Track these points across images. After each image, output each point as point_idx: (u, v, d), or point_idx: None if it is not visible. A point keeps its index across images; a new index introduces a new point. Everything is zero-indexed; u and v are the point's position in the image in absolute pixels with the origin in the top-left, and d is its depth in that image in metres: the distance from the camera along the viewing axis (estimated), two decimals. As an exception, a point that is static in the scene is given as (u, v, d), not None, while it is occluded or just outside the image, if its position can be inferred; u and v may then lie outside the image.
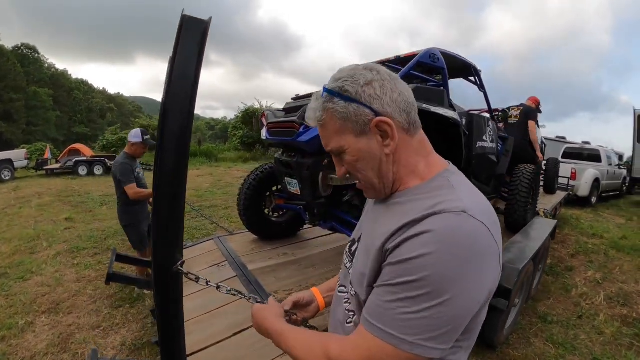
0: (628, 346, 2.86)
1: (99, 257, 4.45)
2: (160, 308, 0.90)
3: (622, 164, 12.24)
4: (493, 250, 0.59)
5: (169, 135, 0.77)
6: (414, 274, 0.55)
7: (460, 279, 0.55)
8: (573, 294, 3.79)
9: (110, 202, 7.96)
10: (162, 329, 0.93)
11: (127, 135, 15.90)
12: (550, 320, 3.20)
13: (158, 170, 0.80)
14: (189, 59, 0.74)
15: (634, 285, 4.13)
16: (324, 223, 2.68)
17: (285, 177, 2.72)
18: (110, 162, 14.27)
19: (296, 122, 2.27)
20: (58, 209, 7.24)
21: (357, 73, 0.67)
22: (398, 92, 0.67)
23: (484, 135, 3.28)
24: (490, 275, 0.60)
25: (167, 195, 0.81)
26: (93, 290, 3.49)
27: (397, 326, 0.56)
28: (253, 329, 1.85)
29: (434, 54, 2.75)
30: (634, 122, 9.55)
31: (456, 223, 0.57)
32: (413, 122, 0.69)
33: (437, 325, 0.55)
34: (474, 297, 0.58)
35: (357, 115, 0.65)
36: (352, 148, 0.68)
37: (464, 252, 0.55)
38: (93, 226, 5.92)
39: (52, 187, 10.25)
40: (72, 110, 52.06)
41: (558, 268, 4.58)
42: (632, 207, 9.99)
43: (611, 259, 5.07)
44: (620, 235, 6.34)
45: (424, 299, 0.54)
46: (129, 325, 2.89)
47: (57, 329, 2.82)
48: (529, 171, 3.92)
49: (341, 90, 0.66)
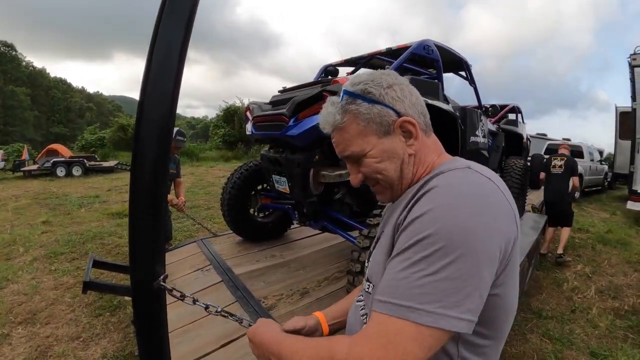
0: (623, 338, 2.88)
1: (77, 262, 4.24)
2: (140, 330, 0.76)
3: (604, 160, 12.57)
4: (504, 206, 0.57)
5: (147, 129, 0.63)
6: (423, 230, 0.53)
7: (471, 231, 0.52)
8: (565, 288, 3.82)
9: (88, 204, 7.75)
10: (143, 352, 0.79)
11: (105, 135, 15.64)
12: (544, 315, 3.20)
13: (135, 170, 0.67)
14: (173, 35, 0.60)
15: (622, 278, 4.20)
16: (315, 223, 2.56)
17: (273, 175, 2.58)
18: (89, 163, 13.86)
19: (285, 115, 2.13)
20: (35, 212, 6.98)
21: (377, 76, 0.69)
22: (415, 96, 0.70)
23: (476, 131, 3.23)
24: (503, 229, 0.55)
25: (145, 201, 0.67)
26: (71, 298, 3.30)
27: (415, 295, 0.51)
28: (243, 339, 1.74)
29: (428, 45, 2.68)
30: (616, 119, 9.79)
31: (461, 176, 0.59)
32: (429, 124, 0.72)
33: (457, 286, 0.50)
34: (490, 249, 0.53)
35: (381, 116, 0.66)
36: (376, 149, 0.68)
37: (471, 202, 0.54)
38: (71, 229, 5.69)
39: (30, 189, 9.93)
40: (50, 110, 50.46)
41: (548, 263, 4.63)
42: (614, 201, 10.26)
43: (599, 253, 5.16)
44: (605, 229, 6.48)
45: (438, 255, 0.51)
46: (109, 335, 2.73)
47: (35, 340, 2.64)
48: (519, 167, 3.91)
49: (364, 92, 0.67)
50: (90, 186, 10.56)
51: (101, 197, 8.54)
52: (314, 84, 2.48)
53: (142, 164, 0.66)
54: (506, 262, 0.56)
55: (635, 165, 7.03)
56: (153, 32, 0.61)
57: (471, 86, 3.66)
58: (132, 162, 0.67)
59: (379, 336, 0.51)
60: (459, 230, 0.51)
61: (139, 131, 0.65)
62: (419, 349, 0.50)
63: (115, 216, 6.56)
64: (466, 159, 0.69)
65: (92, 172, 13.75)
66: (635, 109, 6.88)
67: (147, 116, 0.63)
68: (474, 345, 0.59)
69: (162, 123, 0.65)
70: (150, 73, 0.61)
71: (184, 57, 0.64)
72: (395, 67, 2.47)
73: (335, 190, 2.54)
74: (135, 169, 0.66)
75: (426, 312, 0.49)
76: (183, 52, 0.65)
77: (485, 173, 0.60)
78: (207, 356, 1.61)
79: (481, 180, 0.58)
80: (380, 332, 0.52)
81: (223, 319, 1.85)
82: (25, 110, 43.30)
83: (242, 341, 1.68)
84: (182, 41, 0.63)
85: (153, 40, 0.61)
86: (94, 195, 8.78)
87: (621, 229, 6.69)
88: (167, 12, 0.62)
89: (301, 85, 2.64)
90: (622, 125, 9.69)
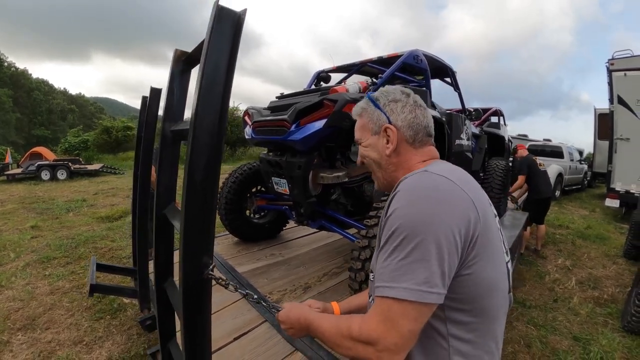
0: (603, 324, 3.08)
1: (71, 266, 4.19)
2: (187, 320, 0.84)
3: (583, 160, 13.02)
4: (458, 194, 0.69)
5: (201, 133, 0.73)
6: (392, 226, 0.67)
7: (425, 220, 0.65)
8: (547, 280, 4.02)
9: (76, 208, 7.62)
10: (188, 342, 0.87)
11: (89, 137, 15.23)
12: (528, 305, 3.37)
13: (189, 169, 0.76)
14: (222, 50, 0.70)
15: (602, 270, 4.43)
16: (313, 222, 2.67)
17: (273, 177, 2.68)
18: (73, 166, 13.59)
19: (287, 121, 2.24)
20: (22, 217, 6.81)
21: (392, 91, 0.90)
22: (414, 115, 0.86)
23: (461, 134, 3.42)
24: (456, 212, 0.67)
25: (199, 196, 0.76)
26: (69, 303, 3.27)
27: (394, 277, 0.64)
28: (252, 333, 1.83)
29: (417, 55, 2.83)
30: (594, 120, 10.21)
31: (417, 178, 0.73)
32: (420, 139, 0.87)
33: (425, 269, 0.63)
34: (445, 233, 0.64)
35: (378, 119, 0.88)
36: (367, 141, 0.90)
37: (426, 198, 0.68)
38: (61, 234, 5.60)
39: (15, 193, 9.67)
40: (32, 112, 49.10)
41: (530, 257, 4.82)
42: (593, 199, 10.62)
43: (578, 247, 5.40)
44: (585, 226, 6.75)
45: (404, 244, 0.64)
46: (112, 337, 2.72)
47: (36, 346, 2.60)
48: (500, 167, 4.09)
49: (376, 99, 0.89)
50: (76, 190, 10.35)
51: (88, 201, 8.40)
52: (312, 91, 2.62)
53: (197, 163, 0.75)
54: (474, 243, 0.67)
55: (612, 165, 7.34)
56: (203, 54, 0.71)
57: (456, 91, 3.82)
58: (188, 161, 0.76)
59: (379, 314, 0.66)
60: (417, 222, 0.65)
61: (195, 136, 0.74)
62: (408, 321, 0.63)
63: (104, 220, 6.49)
64: (452, 160, 0.83)
65: (77, 176, 13.46)
66: (613, 111, 7.21)
67: (200, 123, 0.73)
68: (460, 322, 0.71)
69: (213, 130, 0.75)
70: (202, 89, 0.71)
71: (232, 77, 0.74)
72: (387, 75, 2.62)
73: (331, 191, 2.66)
74: (190, 166, 0.75)
75: (404, 289, 0.63)
76: (230, 70, 0.76)
77: (442, 172, 0.72)
78: (220, 350, 1.68)
79: (433, 179, 0.71)
80: (379, 311, 0.66)
81: (232, 314, 1.96)
82: (7, 112, 41.99)
83: (253, 334, 1.78)
84: (228, 59, 0.73)
85: (204, 59, 0.71)
86: (81, 199, 8.62)
87: (600, 225, 6.99)
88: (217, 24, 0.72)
89: (298, 92, 2.80)
90: (600, 127, 10.11)
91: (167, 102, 1.11)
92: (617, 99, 7.01)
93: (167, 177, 1.12)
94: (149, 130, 1.99)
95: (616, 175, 7.27)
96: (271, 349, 1.66)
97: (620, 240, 5.67)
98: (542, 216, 4.95)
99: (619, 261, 4.79)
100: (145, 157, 2.06)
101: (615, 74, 6.98)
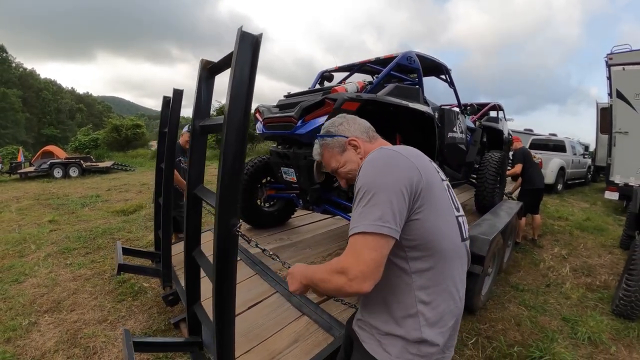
0: (593, 307, 3.23)
1: (90, 256, 4.41)
2: (218, 268, 1.09)
3: (587, 154, 13.02)
4: (404, 161, 0.92)
5: (231, 126, 0.97)
6: (357, 187, 0.91)
7: (379, 179, 0.88)
8: (541, 267, 4.18)
9: (91, 203, 7.85)
10: (217, 286, 1.11)
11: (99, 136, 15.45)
12: (521, 288, 3.55)
13: (223, 153, 1.02)
14: (245, 63, 0.94)
15: (597, 259, 4.56)
16: (318, 207, 2.94)
17: (282, 167, 2.95)
18: (85, 164, 13.94)
19: (293, 117, 2.50)
20: (39, 212, 7.05)
21: (333, 121, 1.18)
22: (357, 124, 1.16)
23: (454, 127, 3.64)
24: (402, 173, 0.89)
25: (230, 173, 1.01)
26: (92, 287, 3.47)
27: (358, 220, 0.86)
28: (265, 302, 2.07)
29: (410, 56, 3.09)
30: (597, 114, 10.27)
31: (375, 152, 0.97)
32: (371, 135, 1.16)
33: (379, 210, 0.84)
34: (393, 186, 0.87)
35: (339, 142, 1.14)
36: (341, 161, 1.14)
37: (378, 164, 0.92)
38: (79, 227, 5.82)
39: (29, 190, 9.96)
40: (41, 112, 49.80)
41: (527, 246, 4.97)
42: (595, 193, 10.65)
43: (576, 238, 5.54)
44: (584, 218, 6.85)
45: (365, 198, 0.87)
46: (134, 316, 2.93)
47: (63, 326, 2.79)
48: (495, 159, 4.29)
49: (327, 132, 1.17)
50: (89, 186, 10.63)
51: (102, 197, 8.65)
52: (315, 91, 2.93)
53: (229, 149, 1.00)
54: (418, 195, 0.89)
55: (612, 158, 7.45)
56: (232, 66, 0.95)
57: (451, 88, 4.00)
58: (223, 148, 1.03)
59: (348, 249, 0.85)
60: (373, 180, 0.88)
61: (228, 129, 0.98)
62: (369, 250, 0.82)
63: (120, 214, 6.73)
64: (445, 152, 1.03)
65: (89, 173, 13.83)
66: (612, 105, 7.31)
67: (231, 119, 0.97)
68: (418, 259, 0.91)
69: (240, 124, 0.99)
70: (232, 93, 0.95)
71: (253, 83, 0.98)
72: (383, 75, 2.90)
73: (333, 179, 2.92)
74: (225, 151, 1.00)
75: (364, 225, 0.83)
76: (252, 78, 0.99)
77: (393, 148, 0.98)
78: (238, 316, 1.89)
79: (385, 152, 0.95)
80: (349, 247, 0.85)
81: (246, 288, 2.20)
82: (17, 112, 42.70)
83: (265, 302, 2.03)
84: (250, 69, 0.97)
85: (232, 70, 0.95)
86: (95, 195, 8.87)
87: (599, 217, 7.08)
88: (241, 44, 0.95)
89: (304, 91, 3.12)
90: (602, 120, 10.15)
91: (195, 102, 1.34)
92: (616, 93, 7.11)
93: (196, 164, 1.36)
94: (172, 127, 2.24)
95: (615, 168, 7.36)
96: (281, 314, 1.90)
97: (618, 232, 5.71)
98: (536, 206, 5.13)
99: (615, 251, 4.89)
100: (169, 150, 2.31)
101: (614, 68, 7.07)
